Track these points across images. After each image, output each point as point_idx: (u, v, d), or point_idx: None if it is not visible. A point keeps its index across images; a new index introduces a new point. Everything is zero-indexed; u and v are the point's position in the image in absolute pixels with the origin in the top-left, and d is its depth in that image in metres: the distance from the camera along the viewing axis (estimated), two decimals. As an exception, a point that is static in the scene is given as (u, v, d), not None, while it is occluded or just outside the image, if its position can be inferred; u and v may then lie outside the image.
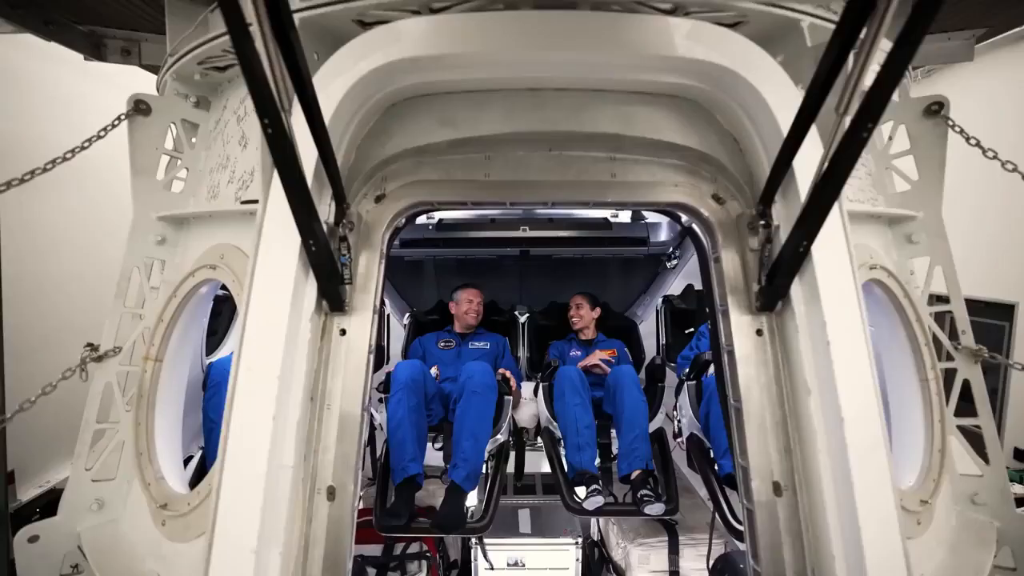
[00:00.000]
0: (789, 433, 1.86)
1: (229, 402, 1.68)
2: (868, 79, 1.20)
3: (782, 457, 1.87)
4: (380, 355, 4.09)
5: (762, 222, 1.85)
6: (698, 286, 4.34)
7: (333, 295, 1.85)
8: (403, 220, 2.25)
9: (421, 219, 4.39)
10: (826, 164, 1.47)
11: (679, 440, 3.70)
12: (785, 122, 1.73)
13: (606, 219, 4.39)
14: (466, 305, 4.20)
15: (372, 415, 3.77)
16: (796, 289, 1.79)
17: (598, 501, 3.17)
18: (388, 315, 4.28)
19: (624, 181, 2.02)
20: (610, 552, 3.96)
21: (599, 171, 2.02)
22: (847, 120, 1.31)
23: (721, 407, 2.30)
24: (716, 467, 3.21)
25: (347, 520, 1.87)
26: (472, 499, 3.92)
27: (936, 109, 2.35)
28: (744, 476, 1.95)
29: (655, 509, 3.10)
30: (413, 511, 3.25)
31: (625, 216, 4.44)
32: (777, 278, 1.80)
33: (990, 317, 6.00)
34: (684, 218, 2.41)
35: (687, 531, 3.79)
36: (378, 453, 3.77)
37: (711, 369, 3.49)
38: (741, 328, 1.95)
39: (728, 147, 2.00)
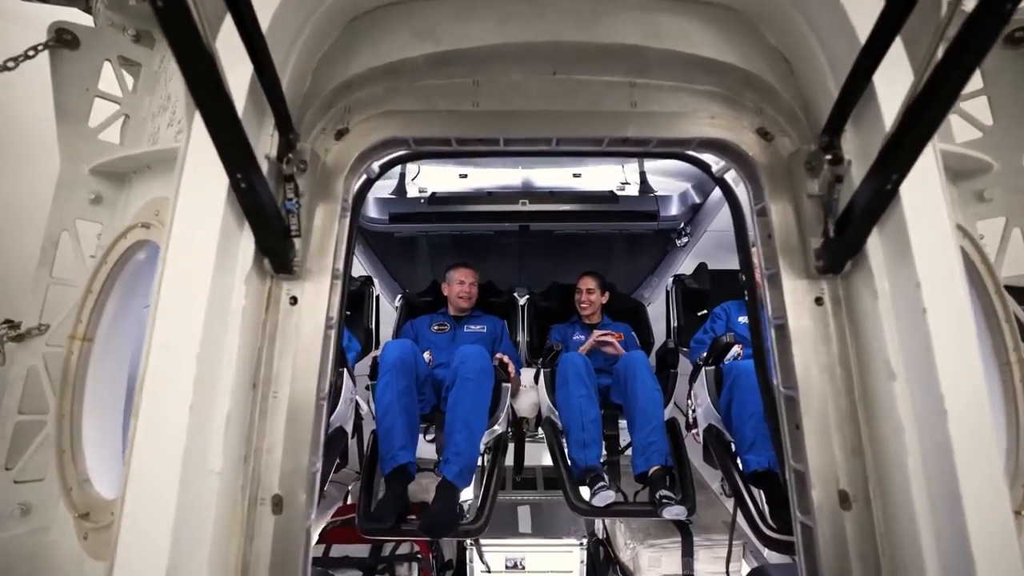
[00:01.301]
0: (860, 429, 1.41)
1: (138, 390, 1.23)
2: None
3: (850, 459, 1.42)
4: (368, 340, 3.64)
5: (828, 157, 1.38)
6: (712, 264, 3.87)
7: (277, 252, 1.39)
8: (376, 168, 1.80)
9: (412, 192, 3.94)
10: (928, 72, 1.02)
11: (694, 432, 3.25)
12: (862, 27, 1.28)
13: (612, 192, 3.92)
14: (458, 287, 3.75)
15: (359, 403, 3.33)
16: (875, 243, 1.33)
17: (608, 496, 2.72)
18: (377, 296, 3.82)
19: (647, 112, 1.55)
20: (617, 552, 3.53)
21: (616, 99, 1.55)
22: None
23: (763, 396, 1.85)
24: (739, 463, 2.77)
25: (298, 536, 1.43)
26: (468, 492, 3.49)
27: (1020, 36, 1.87)
28: (799, 483, 1.50)
29: (675, 512, 2.65)
30: (406, 505, 2.81)
31: (633, 189, 3.98)
32: (849, 229, 1.34)
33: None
34: (715, 167, 1.94)
35: (702, 531, 3.36)
36: (365, 446, 3.31)
37: (732, 352, 3.04)
38: (796, 296, 1.49)
39: (777, 69, 1.54)
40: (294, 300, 1.48)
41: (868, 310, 1.37)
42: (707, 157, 1.89)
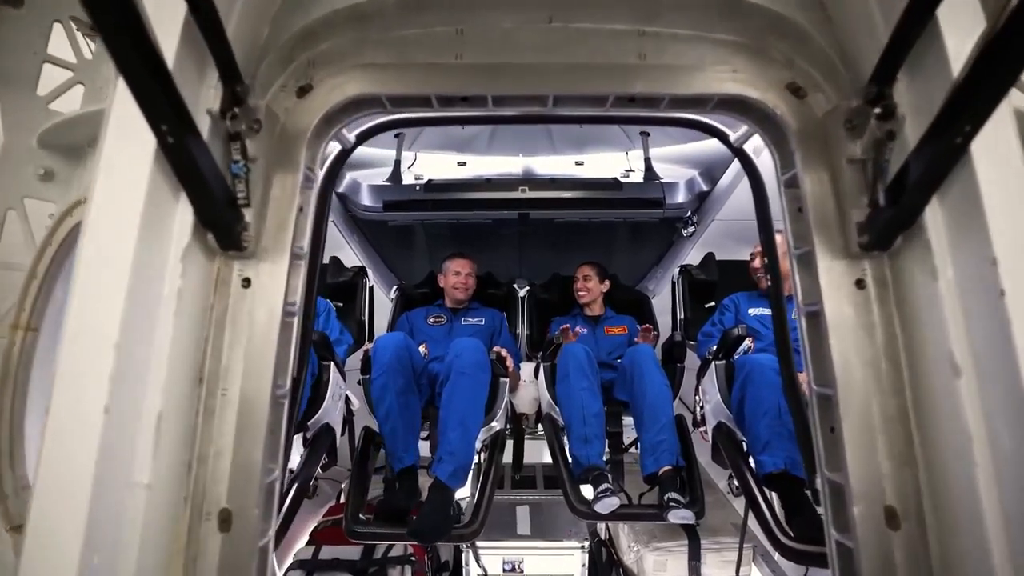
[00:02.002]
0: (912, 434, 1.16)
1: (51, 388, 1.00)
2: None
3: (899, 470, 1.17)
4: (361, 333, 3.40)
5: (877, 111, 1.13)
6: (720, 255, 3.61)
7: (222, 225, 1.15)
8: (352, 138, 1.56)
9: (408, 179, 3.69)
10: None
11: (701, 430, 3.01)
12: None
13: (615, 179, 3.66)
14: (454, 278, 3.51)
15: (349, 398, 3.10)
16: (934, 213, 1.08)
17: (612, 503, 2.49)
18: (371, 288, 3.58)
19: (658, 65, 1.30)
20: (620, 555, 3.29)
21: (622, 50, 1.30)
22: None
23: (787, 395, 1.60)
24: (751, 463, 2.53)
25: (249, 556, 1.19)
26: (465, 490, 3.26)
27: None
28: (834, 496, 1.26)
29: (683, 517, 2.42)
30: (411, 502, 2.59)
31: (637, 176, 3.72)
32: (903, 197, 1.09)
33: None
34: (734, 136, 1.69)
35: (710, 533, 3.12)
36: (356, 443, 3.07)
37: (744, 345, 2.79)
38: (833, 278, 1.24)
39: (811, 11, 1.28)
40: (247, 282, 1.24)
41: (923, 293, 1.12)
42: (725, 123, 1.64)
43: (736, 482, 3.26)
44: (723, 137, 1.66)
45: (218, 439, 1.21)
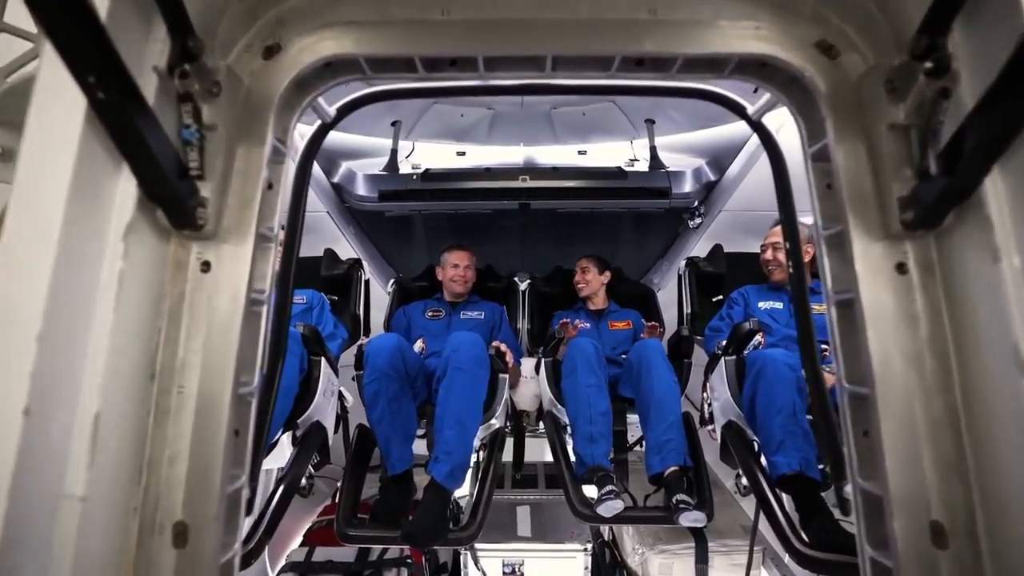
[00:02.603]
0: (963, 440, 1.00)
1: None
2: None
3: (947, 481, 1.01)
4: (356, 327, 3.25)
5: (927, 66, 0.96)
6: (728, 247, 3.43)
7: (172, 199, 0.99)
8: (332, 112, 1.40)
9: (405, 168, 3.53)
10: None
11: (709, 428, 2.85)
12: None
13: (620, 168, 3.50)
14: (452, 270, 3.35)
15: (342, 394, 2.95)
16: (995, 183, 0.92)
17: (615, 507, 2.33)
18: (367, 281, 3.43)
19: (671, 20, 1.13)
20: (624, 557, 3.13)
21: (630, 4, 1.14)
22: None
23: (812, 393, 1.43)
24: (764, 465, 2.36)
25: (208, 575, 1.05)
26: (464, 488, 3.11)
27: None
28: (869, 508, 1.10)
29: (693, 520, 2.27)
30: (406, 507, 2.45)
31: (642, 166, 3.55)
32: (960, 164, 0.92)
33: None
34: (752, 108, 1.53)
35: (717, 536, 2.96)
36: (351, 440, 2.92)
37: (755, 340, 2.62)
38: (869, 262, 1.08)
39: (845, -39, 1.12)
40: (206, 266, 1.09)
41: (980, 278, 0.95)
42: (744, 92, 1.48)
43: (744, 482, 3.12)
44: (740, 110, 1.49)
45: (173, 442, 1.05)
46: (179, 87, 0.97)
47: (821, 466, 2.30)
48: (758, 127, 1.46)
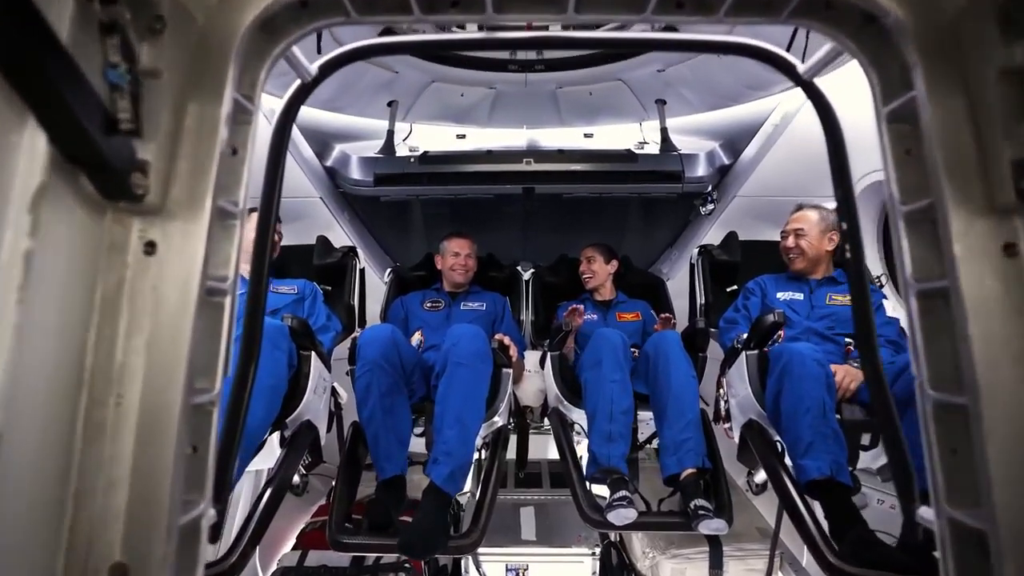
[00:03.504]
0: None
1: None
2: None
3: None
4: (351, 319, 3.03)
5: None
6: (744, 235, 3.20)
7: (96, 161, 0.77)
8: (315, 70, 1.17)
9: (402, 151, 3.30)
10: None
11: (726, 427, 2.65)
12: None
13: (629, 151, 3.27)
14: (452, 259, 3.13)
15: (336, 390, 2.74)
16: None
17: (628, 515, 2.13)
18: (362, 270, 3.20)
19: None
20: (634, 560, 2.94)
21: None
22: None
23: (873, 397, 1.22)
24: (790, 468, 2.16)
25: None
26: (465, 485, 2.91)
27: None
28: (962, 545, 0.89)
29: (716, 528, 2.08)
30: (392, 517, 2.24)
31: (653, 148, 3.33)
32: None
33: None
34: (804, 67, 1.29)
35: (733, 540, 2.76)
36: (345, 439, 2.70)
37: (780, 334, 2.41)
38: (970, 242, 0.86)
39: None
40: (150, 247, 0.87)
41: None
42: (796, 45, 1.26)
43: (757, 480, 2.92)
44: (789, 69, 1.27)
45: (110, 466, 0.84)
46: (102, 15, 0.74)
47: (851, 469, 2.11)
48: (809, 88, 1.24)
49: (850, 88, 1.20)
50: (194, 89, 0.90)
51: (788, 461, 2.20)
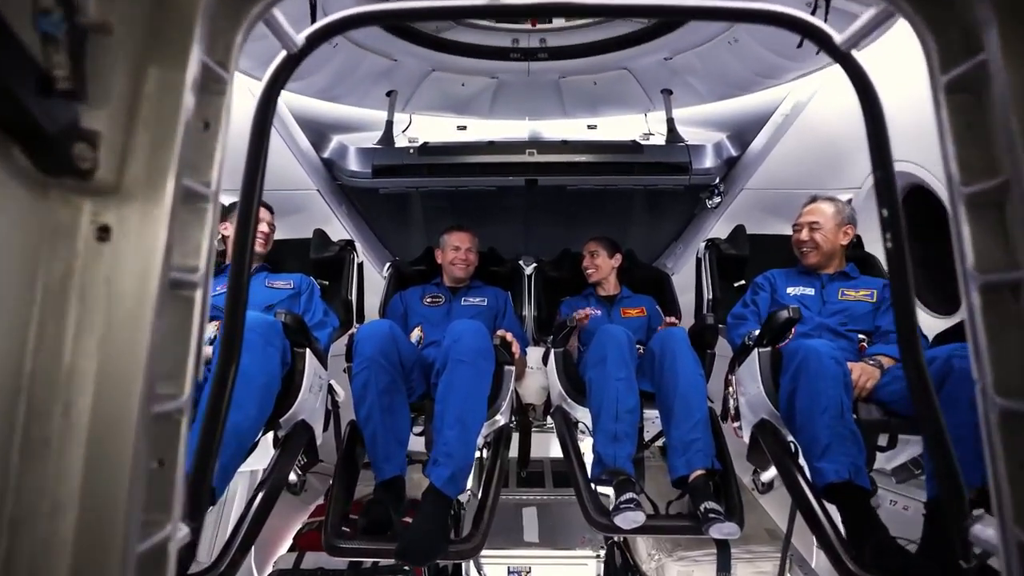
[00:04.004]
0: None
1: None
2: None
3: None
4: (348, 314, 2.90)
5: None
6: (752, 229, 3.07)
7: (28, 128, 0.64)
8: (302, 40, 1.04)
9: (401, 142, 3.17)
10: None
11: (735, 426, 2.53)
12: None
13: (635, 141, 3.14)
14: (452, 253, 3.00)
15: (333, 387, 2.61)
16: None
17: (636, 519, 2.01)
18: (360, 264, 3.07)
19: None
20: (639, 562, 2.83)
21: None
22: None
23: (917, 403, 1.09)
24: (805, 471, 2.04)
25: None
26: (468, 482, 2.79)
27: None
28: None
29: (728, 532, 1.96)
30: (390, 521, 2.12)
31: (659, 139, 3.20)
32: None
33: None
34: (841, 37, 1.16)
35: (741, 541, 2.64)
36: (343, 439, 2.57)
37: (794, 331, 2.29)
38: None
39: None
40: (104, 233, 0.74)
41: None
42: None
43: (764, 479, 2.80)
44: (824, 39, 1.14)
45: (56, 487, 0.71)
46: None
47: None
48: (846, 60, 1.11)
49: (870, 70, 1.07)
50: (155, 50, 0.77)
51: (801, 462, 2.09)
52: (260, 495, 1.88)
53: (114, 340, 0.74)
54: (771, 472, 2.53)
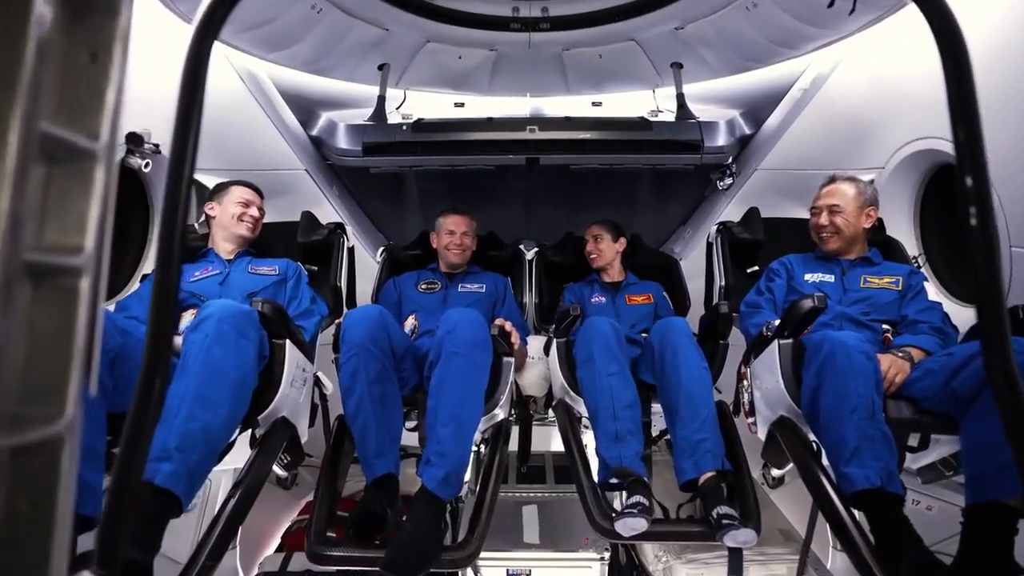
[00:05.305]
0: None
1: None
2: None
3: None
4: (338, 302, 2.68)
5: None
6: (766, 212, 2.83)
7: None
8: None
9: (395, 117, 2.93)
10: None
11: (749, 421, 2.32)
12: None
13: (643, 118, 2.89)
14: (447, 237, 2.77)
15: (320, 380, 2.40)
16: None
17: (638, 525, 1.81)
18: (351, 248, 2.84)
19: None
20: (646, 564, 2.64)
21: None
22: None
23: (1001, 405, 0.87)
24: (831, 475, 1.83)
25: None
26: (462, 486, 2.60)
27: None
28: None
29: (744, 540, 1.76)
30: (383, 521, 1.92)
31: (669, 115, 2.95)
32: None
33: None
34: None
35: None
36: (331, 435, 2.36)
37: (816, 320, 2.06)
38: None
39: None
40: None
41: None
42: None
43: (775, 473, 2.59)
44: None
45: None
46: None
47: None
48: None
49: (892, 44, 0.84)
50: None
51: (824, 462, 1.88)
52: (232, 501, 1.68)
53: (41, 342, 0.52)
54: (783, 468, 2.34)
